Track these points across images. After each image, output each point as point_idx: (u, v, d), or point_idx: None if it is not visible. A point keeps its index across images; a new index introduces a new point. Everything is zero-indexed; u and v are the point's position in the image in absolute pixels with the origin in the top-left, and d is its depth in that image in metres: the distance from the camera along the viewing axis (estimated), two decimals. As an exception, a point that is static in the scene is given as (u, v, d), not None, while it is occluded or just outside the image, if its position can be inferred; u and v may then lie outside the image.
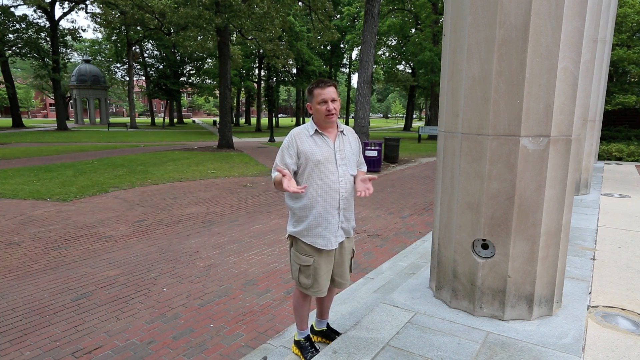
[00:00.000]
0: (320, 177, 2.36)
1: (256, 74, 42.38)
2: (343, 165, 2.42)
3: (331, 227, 2.43)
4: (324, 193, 2.37)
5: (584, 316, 2.79)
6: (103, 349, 3.20)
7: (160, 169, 12.71)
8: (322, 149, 2.37)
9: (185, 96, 67.59)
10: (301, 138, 2.38)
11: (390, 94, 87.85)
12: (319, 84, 2.37)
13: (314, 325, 2.91)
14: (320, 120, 2.38)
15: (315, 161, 2.34)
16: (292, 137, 2.39)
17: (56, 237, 6.02)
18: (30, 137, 24.47)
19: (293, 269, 2.54)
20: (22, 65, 49.79)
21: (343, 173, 2.42)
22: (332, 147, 2.40)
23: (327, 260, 2.49)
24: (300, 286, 2.51)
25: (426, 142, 26.68)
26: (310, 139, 2.38)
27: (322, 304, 2.81)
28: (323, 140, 2.40)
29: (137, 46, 40.94)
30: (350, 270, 2.69)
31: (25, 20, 30.85)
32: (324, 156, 2.37)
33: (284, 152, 2.39)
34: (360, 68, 13.74)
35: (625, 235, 4.78)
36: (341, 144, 2.45)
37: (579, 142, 2.74)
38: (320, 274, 2.45)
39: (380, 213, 7.61)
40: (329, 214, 2.40)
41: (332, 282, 2.63)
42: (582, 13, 2.45)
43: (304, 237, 2.43)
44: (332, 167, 2.39)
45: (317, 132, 2.39)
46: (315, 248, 2.43)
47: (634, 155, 13.87)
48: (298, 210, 2.44)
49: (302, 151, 2.35)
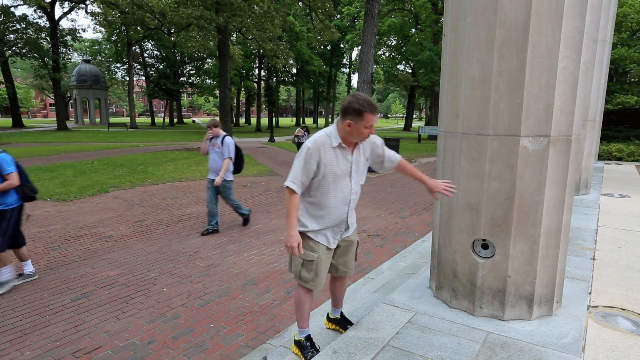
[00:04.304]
0: (334, 190, 2.44)
1: (256, 74, 42.39)
2: (355, 178, 2.51)
3: (335, 232, 2.59)
4: (336, 204, 2.47)
5: (584, 316, 2.79)
6: (103, 349, 3.20)
7: (160, 169, 12.71)
8: (340, 164, 2.43)
9: (185, 96, 67.58)
10: (325, 149, 2.39)
11: (390, 94, 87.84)
12: (372, 109, 2.30)
13: (329, 314, 3.06)
14: (353, 138, 2.40)
15: (333, 175, 2.41)
16: (317, 148, 2.36)
17: (56, 237, 6.02)
18: (30, 137, 24.47)
19: (295, 263, 2.60)
20: (22, 65, 49.81)
21: (355, 185, 2.52)
22: (350, 160, 2.46)
23: (328, 257, 2.61)
24: (300, 279, 2.58)
25: (426, 142, 26.68)
26: (333, 151, 2.40)
27: (335, 294, 2.93)
28: (344, 154, 2.44)
29: (137, 46, 40.92)
30: (355, 259, 2.80)
31: (25, 20, 30.82)
32: (341, 170, 2.44)
33: (304, 166, 2.37)
34: (360, 68, 13.74)
35: (625, 235, 4.78)
36: (357, 155, 2.50)
37: (579, 142, 2.74)
38: (321, 268, 2.56)
39: (380, 213, 7.61)
40: (336, 222, 2.54)
41: (337, 271, 2.74)
42: (582, 13, 2.44)
43: (310, 234, 2.53)
44: (347, 181, 2.47)
45: (340, 145, 2.41)
46: (319, 243, 2.55)
47: (634, 155, 13.87)
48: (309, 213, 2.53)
49: (324, 163, 2.39)
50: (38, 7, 29.14)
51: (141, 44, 41.00)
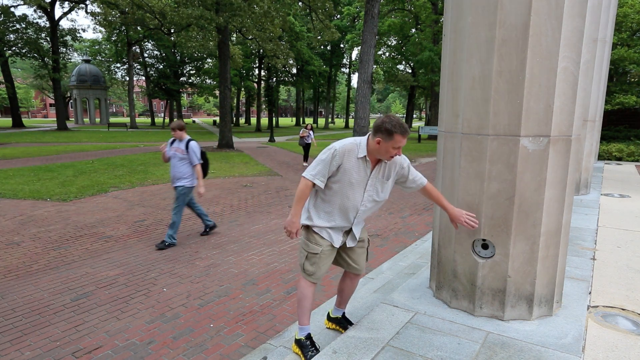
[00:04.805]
0: (347, 195, 2.51)
1: (256, 74, 42.38)
2: (369, 191, 2.55)
3: (339, 231, 2.64)
4: (345, 208, 2.54)
5: (584, 316, 2.79)
6: (103, 349, 3.20)
7: (160, 169, 12.71)
8: (359, 174, 2.49)
9: (185, 96, 67.56)
10: (350, 156, 2.46)
11: (390, 94, 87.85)
12: (402, 131, 2.35)
13: (330, 313, 3.10)
14: (380, 155, 2.45)
15: (349, 182, 2.49)
16: (343, 152, 2.44)
17: (56, 237, 6.02)
18: (30, 137, 24.47)
19: (300, 255, 2.69)
20: (22, 65, 49.82)
21: (367, 198, 2.56)
22: (368, 175, 2.51)
23: (331, 254, 2.67)
24: (304, 272, 2.66)
25: (426, 142, 26.69)
26: (356, 161, 2.47)
27: (344, 293, 2.96)
28: (365, 167, 2.50)
29: (137, 46, 40.91)
30: (367, 258, 2.84)
31: (25, 20, 30.83)
32: (358, 180, 2.50)
33: (325, 165, 2.45)
34: (360, 68, 13.74)
35: (625, 235, 4.78)
36: (377, 172, 2.54)
37: (579, 142, 2.74)
38: (323, 262, 2.62)
39: (380, 213, 7.61)
40: (340, 225, 2.61)
41: (348, 266, 2.79)
42: (582, 13, 2.44)
43: (315, 228, 2.61)
44: (360, 191, 2.53)
45: (365, 157, 2.47)
46: (324, 238, 2.61)
47: (634, 155, 13.88)
48: (318, 209, 2.60)
49: (344, 168, 2.46)
50: (38, 7, 29.13)
51: (141, 44, 40.99)
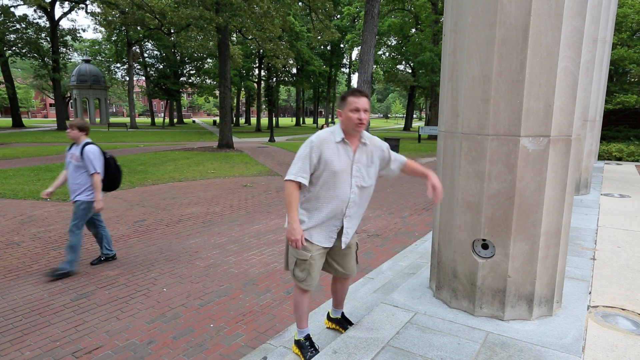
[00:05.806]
0: (333, 185, 2.44)
1: (256, 74, 42.39)
2: (356, 177, 2.49)
3: (330, 229, 2.55)
4: (334, 200, 2.46)
5: (584, 316, 2.79)
6: (103, 349, 3.20)
7: (160, 169, 12.71)
8: (342, 160, 2.43)
9: (185, 96, 67.61)
10: (328, 144, 2.41)
11: (390, 94, 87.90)
12: (353, 93, 2.40)
13: (329, 313, 3.08)
14: (349, 128, 2.42)
15: (332, 171, 2.41)
16: (319, 143, 2.40)
17: (56, 237, 6.01)
18: (30, 137, 24.46)
19: (290, 261, 2.61)
20: (22, 65, 49.77)
21: (354, 184, 2.49)
22: (352, 158, 2.46)
23: (322, 257, 2.59)
24: (294, 278, 2.59)
25: (426, 142, 26.68)
26: (335, 146, 2.43)
27: (337, 295, 2.94)
28: (345, 150, 2.45)
29: (137, 46, 40.93)
30: (357, 261, 2.78)
31: (25, 20, 30.84)
32: (341, 167, 2.43)
33: (304, 161, 2.40)
34: (360, 68, 13.74)
35: (625, 235, 4.79)
36: (360, 155, 2.50)
37: (579, 142, 2.74)
38: (314, 269, 2.54)
39: (380, 213, 7.61)
40: (332, 219, 2.51)
41: (337, 272, 2.74)
42: (582, 13, 2.44)
43: (304, 232, 2.51)
44: (346, 178, 2.45)
45: (343, 140, 2.43)
46: (313, 243, 2.52)
47: (634, 155, 13.88)
48: (306, 208, 2.52)
49: (324, 158, 2.40)
50: (38, 7, 29.17)
51: (141, 44, 41.02)
